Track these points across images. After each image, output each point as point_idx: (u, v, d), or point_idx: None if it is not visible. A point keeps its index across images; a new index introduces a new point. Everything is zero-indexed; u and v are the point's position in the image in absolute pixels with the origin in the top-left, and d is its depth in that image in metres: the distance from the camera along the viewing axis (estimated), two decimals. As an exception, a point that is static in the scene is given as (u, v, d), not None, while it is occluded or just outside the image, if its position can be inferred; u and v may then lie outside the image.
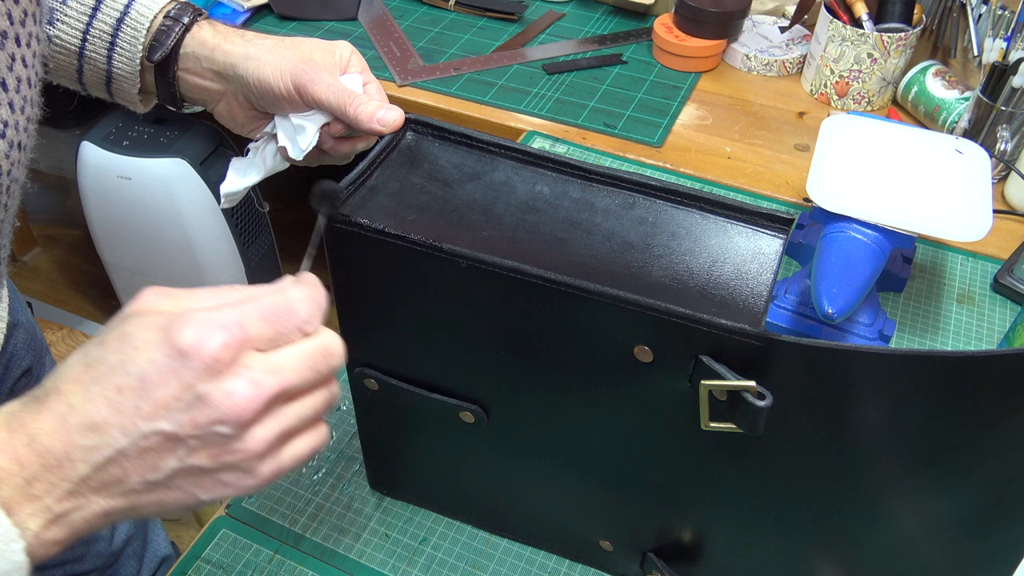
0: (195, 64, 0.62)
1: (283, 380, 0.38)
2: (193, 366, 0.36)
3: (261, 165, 0.64)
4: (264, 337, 0.39)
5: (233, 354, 0.37)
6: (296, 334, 0.40)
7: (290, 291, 0.40)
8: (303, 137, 0.60)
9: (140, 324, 0.38)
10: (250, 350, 0.38)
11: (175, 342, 0.36)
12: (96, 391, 0.37)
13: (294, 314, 0.40)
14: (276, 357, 0.39)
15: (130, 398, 0.37)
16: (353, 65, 0.61)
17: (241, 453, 0.38)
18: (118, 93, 0.65)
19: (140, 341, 0.37)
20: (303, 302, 0.40)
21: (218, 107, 0.64)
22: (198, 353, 0.36)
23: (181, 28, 0.61)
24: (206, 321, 0.37)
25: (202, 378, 0.36)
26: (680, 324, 0.44)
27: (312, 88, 0.58)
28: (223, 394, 0.37)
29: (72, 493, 0.37)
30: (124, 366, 0.37)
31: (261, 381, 0.37)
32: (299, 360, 0.39)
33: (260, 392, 0.37)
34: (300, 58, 0.59)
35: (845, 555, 0.54)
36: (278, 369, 0.38)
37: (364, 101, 0.58)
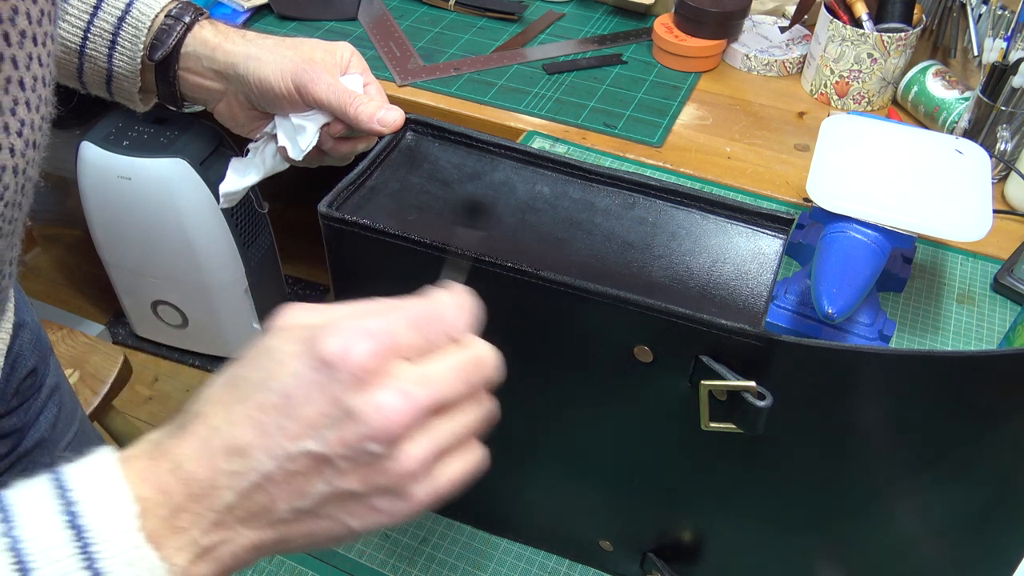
0: (196, 64, 0.62)
1: (435, 392, 0.35)
2: (339, 377, 0.34)
3: (261, 165, 0.64)
4: (413, 345, 0.36)
5: (381, 363, 0.34)
6: (446, 343, 0.37)
7: (438, 297, 0.38)
8: (303, 137, 0.60)
9: (282, 337, 0.36)
10: (399, 359, 0.35)
11: (319, 352, 0.34)
12: (239, 411, 0.35)
13: (443, 321, 0.37)
14: (427, 367, 0.36)
15: (274, 417, 0.34)
16: (354, 66, 0.62)
17: (393, 473, 0.35)
18: (118, 92, 0.65)
19: (283, 354, 0.35)
20: (452, 308, 0.38)
21: (218, 107, 0.64)
22: (344, 363, 0.34)
23: (183, 27, 0.61)
24: (351, 329, 0.34)
25: (349, 390, 0.34)
26: (680, 324, 0.44)
27: (312, 88, 0.58)
28: (373, 407, 0.34)
29: (219, 524, 0.34)
30: (267, 382, 0.35)
31: (412, 392, 0.34)
32: (451, 371, 0.36)
33: (412, 404, 0.34)
34: (301, 58, 0.59)
35: (845, 555, 0.54)
36: (429, 380, 0.35)
37: (364, 101, 0.58)
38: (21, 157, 0.46)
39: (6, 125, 0.44)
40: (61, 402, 0.78)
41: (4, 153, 0.45)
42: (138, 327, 1.80)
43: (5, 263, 0.55)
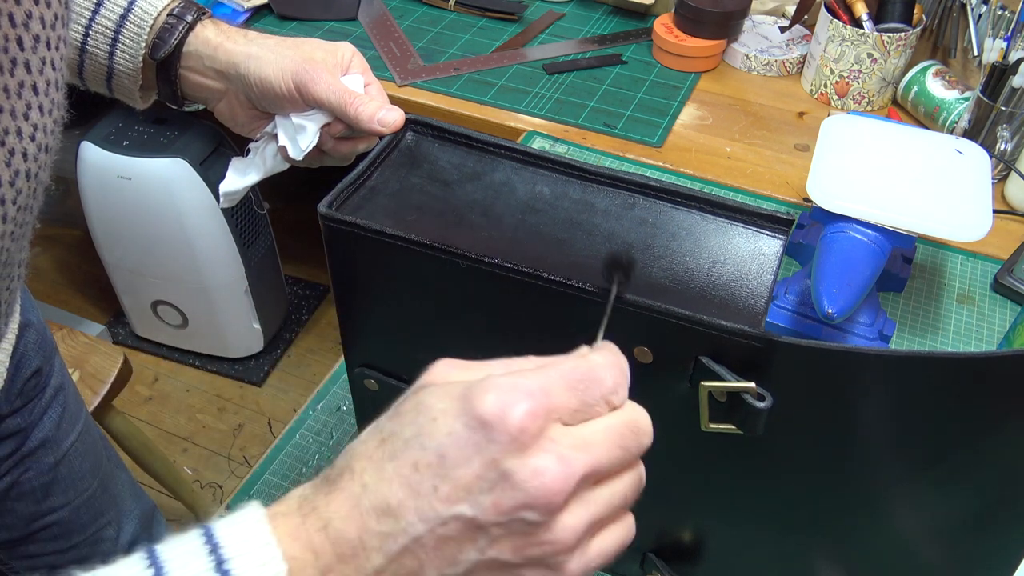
0: (197, 63, 0.62)
1: (593, 459, 0.33)
2: (497, 438, 0.32)
3: (261, 165, 0.64)
4: (569, 407, 0.34)
5: (540, 425, 0.33)
6: (602, 405, 0.35)
7: (593, 357, 0.36)
8: (303, 137, 0.60)
9: (436, 393, 0.34)
10: (555, 422, 0.34)
11: (476, 411, 0.32)
12: (390, 469, 0.33)
13: (600, 383, 0.35)
14: (583, 431, 0.34)
15: (428, 477, 0.33)
16: (354, 66, 0.62)
17: (548, 545, 0.33)
18: (118, 89, 0.65)
19: (437, 411, 0.33)
20: (608, 369, 0.36)
21: (219, 106, 0.64)
22: (502, 423, 0.32)
23: (185, 26, 0.61)
24: (509, 387, 0.33)
25: (507, 453, 0.32)
26: (680, 325, 0.44)
27: (313, 87, 0.58)
28: (531, 472, 0.32)
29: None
30: (420, 440, 0.33)
31: (571, 458, 0.33)
32: (607, 436, 0.35)
33: (571, 471, 0.32)
34: (302, 57, 0.59)
35: (845, 555, 0.54)
36: (588, 445, 0.34)
37: (365, 101, 0.58)
38: (34, 161, 0.46)
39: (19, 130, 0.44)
40: (65, 402, 0.78)
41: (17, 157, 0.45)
42: (138, 327, 1.80)
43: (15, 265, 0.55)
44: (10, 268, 0.54)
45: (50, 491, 0.78)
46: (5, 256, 0.49)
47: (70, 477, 0.80)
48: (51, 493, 0.79)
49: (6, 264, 0.52)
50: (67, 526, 0.83)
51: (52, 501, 0.79)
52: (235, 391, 1.80)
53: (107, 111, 1.52)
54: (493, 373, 0.35)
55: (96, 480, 0.84)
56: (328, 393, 0.77)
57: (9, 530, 0.77)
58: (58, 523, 0.81)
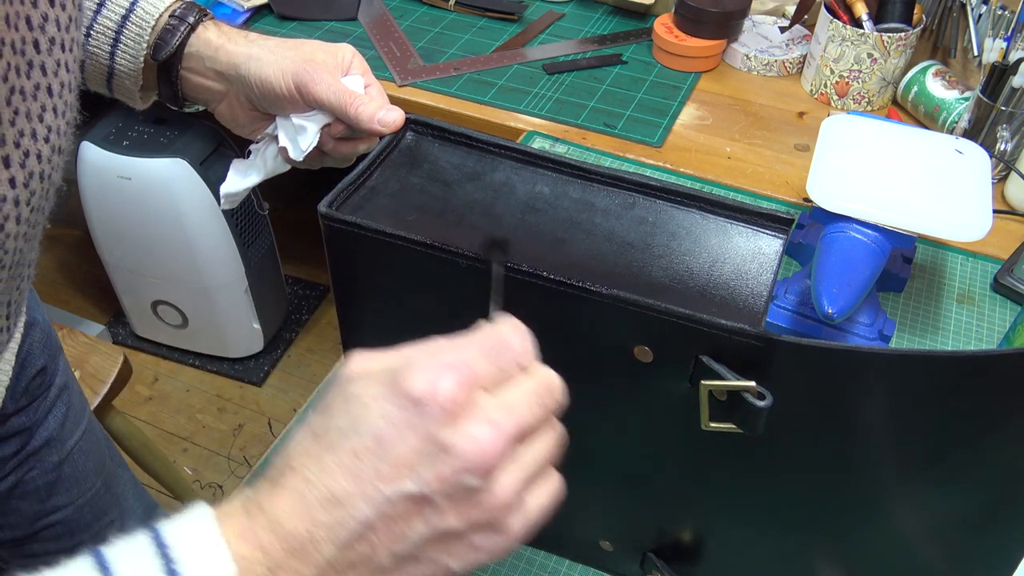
0: (199, 64, 0.62)
1: (518, 419, 0.35)
2: (430, 413, 0.33)
3: (262, 166, 0.64)
4: (489, 375, 0.36)
5: (467, 395, 0.34)
6: (516, 370, 0.37)
7: (500, 327, 0.38)
8: (304, 138, 0.60)
9: (362, 382, 0.35)
10: (480, 390, 0.35)
11: (406, 390, 0.34)
12: (331, 460, 0.34)
13: (510, 348, 0.37)
14: (506, 396, 0.36)
15: (368, 461, 0.33)
16: (355, 67, 0.62)
17: (490, 506, 0.35)
18: (118, 89, 0.65)
19: (367, 397, 0.34)
20: (514, 335, 0.38)
21: (219, 107, 0.64)
22: (433, 398, 0.33)
23: (187, 28, 0.61)
24: (434, 365, 0.34)
25: (441, 425, 0.33)
26: (680, 324, 0.44)
27: (313, 88, 0.58)
28: (467, 439, 0.33)
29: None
30: (355, 427, 0.34)
31: (500, 421, 0.34)
32: (527, 397, 0.36)
33: (501, 433, 0.34)
34: (302, 58, 0.59)
35: (845, 555, 0.54)
36: (512, 408, 0.35)
37: (365, 101, 0.58)
38: (47, 163, 0.46)
39: (34, 132, 0.45)
40: (70, 401, 0.78)
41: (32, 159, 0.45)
42: (138, 327, 1.80)
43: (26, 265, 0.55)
44: (21, 268, 0.55)
45: (54, 490, 0.79)
46: (18, 256, 0.50)
47: (74, 476, 0.80)
48: (55, 492, 0.79)
49: (18, 265, 0.52)
50: (70, 525, 0.83)
51: (56, 500, 0.79)
52: (235, 391, 1.80)
53: (107, 111, 1.52)
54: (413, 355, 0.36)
55: (100, 479, 0.84)
56: (328, 393, 0.77)
57: (13, 529, 0.78)
58: (62, 522, 0.81)
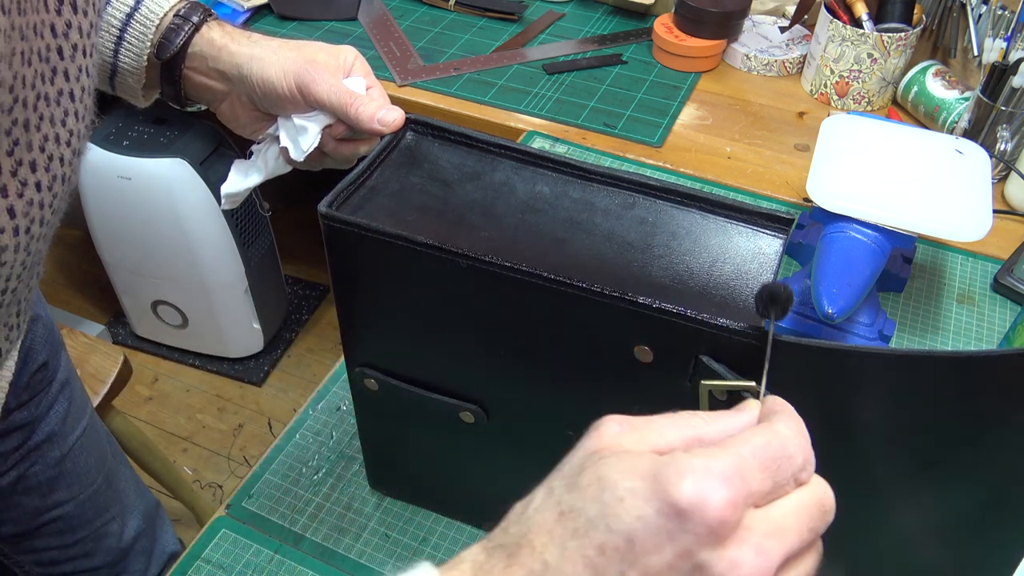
0: (202, 64, 0.62)
1: (787, 546, 0.32)
2: (693, 528, 0.30)
3: (263, 167, 0.64)
4: (763, 491, 0.32)
5: (737, 513, 0.30)
6: (791, 484, 0.33)
7: (780, 429, 0.34)
8: (305, 138, 0.60)
9: (619, 469, 0.32)
10: (751, 508, 0.32)
11: (671, 497, 0.30)
12: (574, 548, 0.31)
13: (791, 460, 0.33)
14: (775, 515, 0.32)
15: (614, 562, 0.31)
16: (356, 69, 0.62)
17: None
18: (121, 87, 0.65)
19: (624, 491, 0.31)
20: (796, 441, 0.34)
21: (221, 107, 0.64)
22: (700, 513, 0.30)
23: (191, 27, 0.61)
24: (705, 472, 0.30)
25: (703, 544, 0.30)
26: (680, 324, 0.44)
27: (314, 88, 0.58)
28: (728, 565, 0.30)
29: None
30: (606, 521, 0.31)
31: (768, 549, 0.31)
32: (798, 519, 0.32)
33: (768, 563, 0.31)
34: (304, 59, 0.59)
35: (845, 554, 0.54)
36: (781, 532, 0.32)
37: (365, 101, 0.58)
38: (68, 166, 0.47)
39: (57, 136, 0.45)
40: (72, 396, 0.78)
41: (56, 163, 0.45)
42: (138, 327, 1.80)
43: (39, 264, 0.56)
44: (36, 268, 0.55)
45: (56, 485, 0.79)
46: (37, 257, 0.50)
47: (75, 472, 0.80)
48: (57, 487, 0.79)
49: (35, 264, 0.53)
50: (72, 521, 0.83)
51: (58, 495, 0.79)
52: (235, 391, 1.80)
53: (107, 111, 1.52)
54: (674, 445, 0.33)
55: (101, 475, 0.85)
56: (328, 393, 0.77)
57: (15, 524, 0.78)
58: (63, 517, 0.81)
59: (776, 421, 0.34)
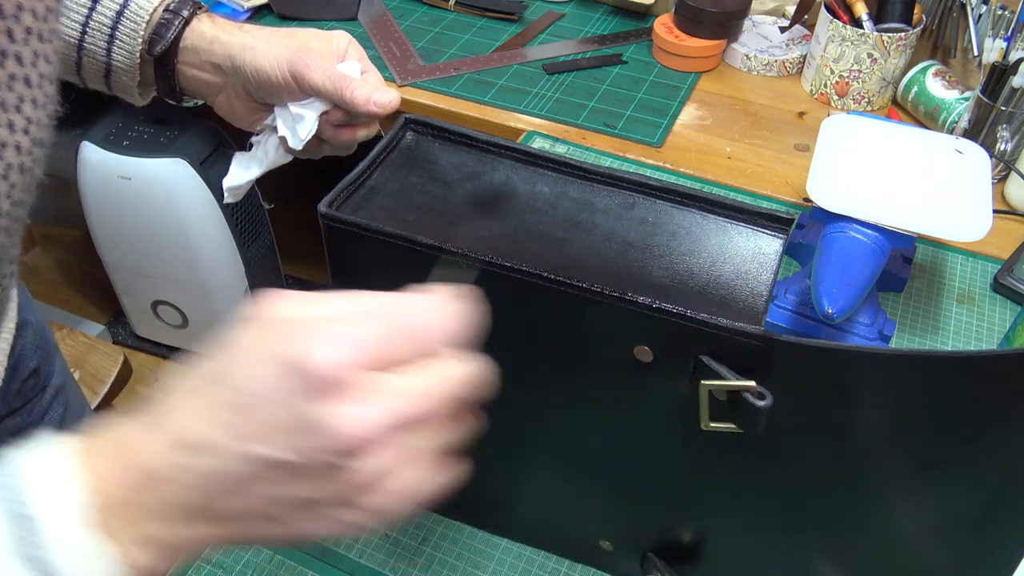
0: (194, 57, 0.62)
1: (404, 408, 0.33)
2: (304, 384, 0.32)
3: (263, 158, 0.65)
4: (383, 355, 0.34)
5: (350, 373, 0.32)
6: (431, 355, 0.35)
7: (425, 305, 0.35)
8: (302, 126, 0.61)
9: (254, 332, 0.34)
10: (371, 371, 0.33)
11: (285, 356, 0.32)
12: (197, 405, 0.34)
13: (426, 332, 0.35)
14: (401, 381, 0.34)
15: (232, 415, 0.33)
16: (350, 53, 0.62)
17: (348, 485, 0.33)
18: (116, 85, 0.65)
19: (250, 350, 0.34)
20: (438, 318, 0.35)
21: (217, 100, 0.64)
22: (308, 371, 0.32)
23: (181, 21, 0.61)
24: (324, 334, 0.33)
25: (313, 399, 0.32)
26: (680, 324, 0.44)
27: (308, 74, 0.58)
28: (336, 420, 0.32)
29: (169, 517, 0.34)
30: (228, 378, 0.33)
31: (376, 407, 0.33)
32: (427, 387, 0.34)
33: (373, 420, 0.32)
34: (296, 46, 0.59)
35: (845, 555, 0.54)
36: (399, 395, 0.33)
37: (360, 84, 0.59)
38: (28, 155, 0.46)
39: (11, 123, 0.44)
40: (67, 402, 0.78)
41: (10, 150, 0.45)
42: (138, 327, 1.80)
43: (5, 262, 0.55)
44: (2, 265, 0.55)
45: None
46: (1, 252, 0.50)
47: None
48: None
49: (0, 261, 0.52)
50: None
51: None
52: (235, 391, 1.80)
53: (107, 111, 1.52)
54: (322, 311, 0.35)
55: None
56: (328, 393, 0.77)
57: None
58: None
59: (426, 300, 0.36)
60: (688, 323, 0.44)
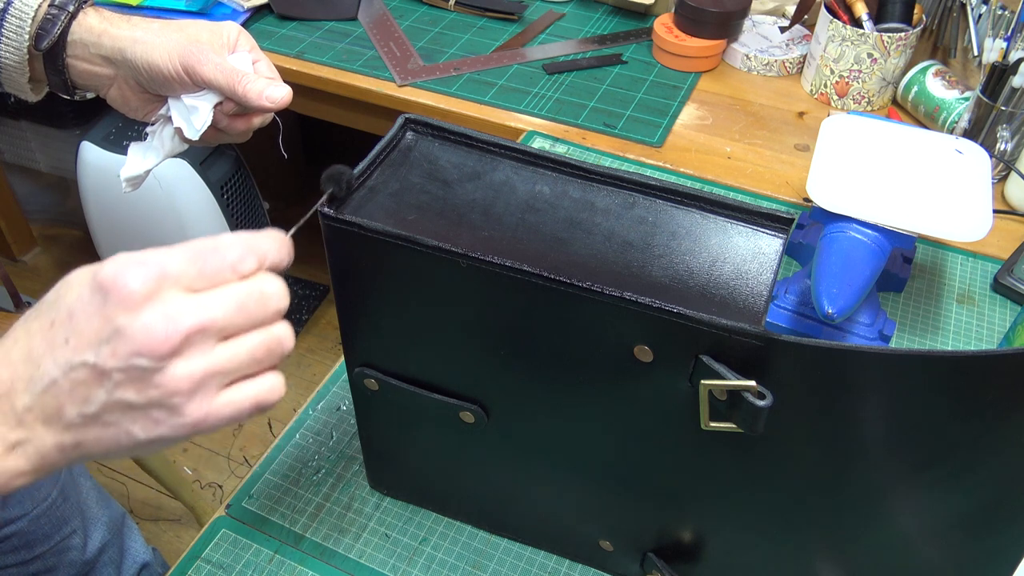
0: (83, 51, 0.63)
1: (203, 316, 0.39)
2: (112, 300, 0.38)
3: (160, 148, 0.65)
4: (188, 275, 0.39)
5: (150, 289, 0.38)
6: (229, 275, 0.40)
7: (224, 235, 0.42)
8: (197, 117, 0.61)
9: (80, 270, 0.40)
10: (173, 288, 0.39)
11: (98, 278, 0.38)
12: (35, 326, 0.40)
13: (222, 255, 0.40)
14: (201, 296, 0.39)
15: (60, 331, 0.39)
16: (241, 44, 0.63)
17: (164, 388, 0.38)
18: (8, 83, 0.66)
19: (73, 281, 0.40)
20: (236, 245, 0.41)
21: (110, 92, 0.65)
22: (116, 287, 0.38)
23: (67, 16, 0.62)
24: (128, 258, 0.39)
25: (120, 311, 0.38)
26: (680, 324, 0.44)
27: (200, 69, 0.59)
28: (139, 327, 0.37)
29: (21, 422, 0.39)
30: (57, 303, 0.40)
31: (177, 315, 0.38)
32: (226, 299, 0.40)
33: (175, 325, 0.38)
34: (187, 39, 0.60)
35: (845, 555, 0.54)
36: (199, 306, 0.39)
37: (252, 80, 0.59)
38: None
39: None
40: None
41: None
42: (138, 327, 1.80)
43: None
44: None
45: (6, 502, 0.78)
46: None
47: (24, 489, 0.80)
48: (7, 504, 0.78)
49: None
50: (27, 537, 0.83)
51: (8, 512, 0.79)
52: (235, 391, 1.80)
53: (107, 111, 1.52)
54: None
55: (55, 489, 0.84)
56: (328, 393, 0.77)
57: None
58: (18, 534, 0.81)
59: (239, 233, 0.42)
60: (688, 323, 0.44)
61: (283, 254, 0.42)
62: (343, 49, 1.22)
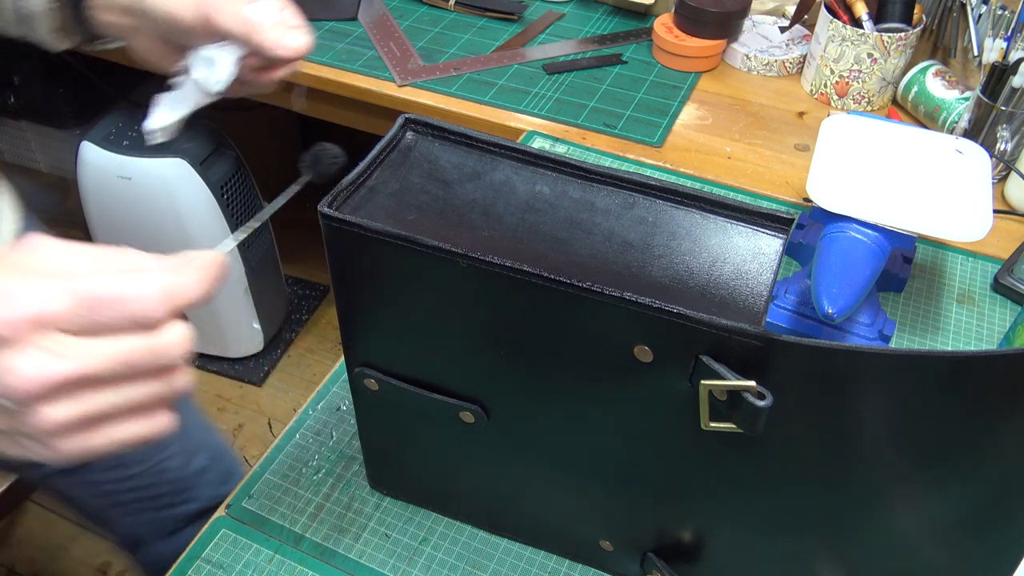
0: (103, 1, 0.63)
1: (76, 368, 0.37)
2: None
3: (185, 100, 0.65)
4: (73, 320, 0.37)
5: (24, 332, 0.36)
6: (127, 327, 0.38)
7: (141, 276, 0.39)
8: (219, 69, 0.61)
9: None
10: (52, 330, 0.37)
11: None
12: None
13: (127, 305, 0.38)
14: (82, 344, 0.37)
15: None
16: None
17: (31, 427, 0.37)
18: (31, 33, 0.66)
19: None
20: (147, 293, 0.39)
21: (136, 42, 0.65)
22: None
23: None
24: (5, 294, 0.37)
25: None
26: (680, 324, 0.44)
27: (216, 18, 0.59)
28: (4, 368, 0.36)
29: None
30: None
31: (46, 364, 0.36)
32: (110, 352, 0.38)
33: (42, 375, 0.36)
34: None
35: (845, 555, 0.54)
36: (76, 356, 0.37)
37: (268, 28, 0.59)
38: None
39: None
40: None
41: None
42: (138, 327, 1.80)
43: None
44: None
45: None
46: None
47: None
48: None
49: None
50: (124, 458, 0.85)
51: None
52: (235, 391, 1.80)
53: (107, 111, 1.52)
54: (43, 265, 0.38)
55: None
56: (328, 393, 0.77)
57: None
58: None
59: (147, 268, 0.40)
60: (688, 323, 0.44)
61: (204, 288, 0.41)
62: (343, 49, 1.22)
